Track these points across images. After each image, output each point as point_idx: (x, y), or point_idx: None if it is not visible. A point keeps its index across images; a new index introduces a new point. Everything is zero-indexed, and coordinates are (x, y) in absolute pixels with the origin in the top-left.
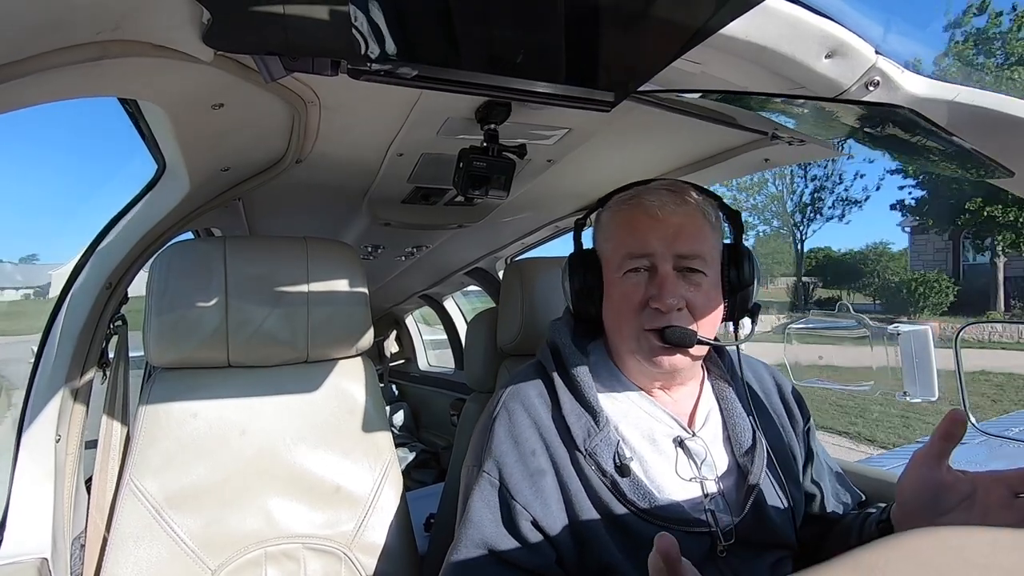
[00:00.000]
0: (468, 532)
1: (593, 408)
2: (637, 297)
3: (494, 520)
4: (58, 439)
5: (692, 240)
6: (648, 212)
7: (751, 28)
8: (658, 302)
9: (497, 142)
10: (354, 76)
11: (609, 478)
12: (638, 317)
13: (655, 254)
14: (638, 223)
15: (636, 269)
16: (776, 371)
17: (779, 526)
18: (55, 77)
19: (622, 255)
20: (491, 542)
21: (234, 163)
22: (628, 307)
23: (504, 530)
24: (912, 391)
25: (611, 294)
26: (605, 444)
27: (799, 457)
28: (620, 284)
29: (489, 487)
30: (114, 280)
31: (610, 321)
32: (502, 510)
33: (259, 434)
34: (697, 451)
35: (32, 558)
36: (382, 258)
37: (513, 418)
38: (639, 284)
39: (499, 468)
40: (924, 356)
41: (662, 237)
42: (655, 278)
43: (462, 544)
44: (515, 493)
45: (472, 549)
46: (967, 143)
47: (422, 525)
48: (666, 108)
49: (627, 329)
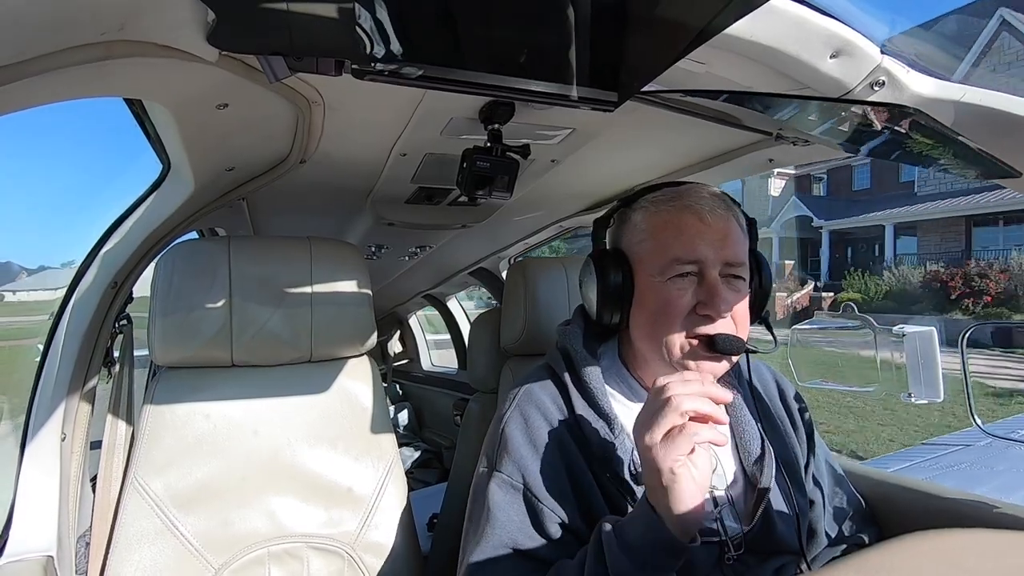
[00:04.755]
0: (494, 532)
1: (607, 415)
2: (683, 303)
3: (522, 522)
4: (63, 438)
5: (737, 247)
6: (697, 215)
7: (756, 28)
8: (710, 309)
9: (501, 142)
10: (358, 76)
11: (626, 485)
12: (682, 323)
13: (705, 260)
14: (685, 226)
15: (683, 274)
16: (778, 374)
17: (786, 534)
18: (60, 77)
19: (667, 259)
20: (520, 543)
21: (238, 163)
22: (672, 313)
23: (534, 531)
24: (917, 392)
25: (646, 298)
26: (621, 452)
27: (802, 461)
28: (662, 289)
29: (512, 490)
30: (119, 279)
31: (642, 326)
32: (529, 512)
33: (263, 433)
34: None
35: (38, 556)
36: (386, 258)
37: (529, 421)
38: (685, 290)
39: (520, 471)
40: (929, 357)
41: (711, 243)
42: (703, 284)
43: (488, 545)
44: (540, 495)
45: (500, 549)
46: (973, 143)
47: (425, 525)
48: (670, 108)
49: (665, 335)
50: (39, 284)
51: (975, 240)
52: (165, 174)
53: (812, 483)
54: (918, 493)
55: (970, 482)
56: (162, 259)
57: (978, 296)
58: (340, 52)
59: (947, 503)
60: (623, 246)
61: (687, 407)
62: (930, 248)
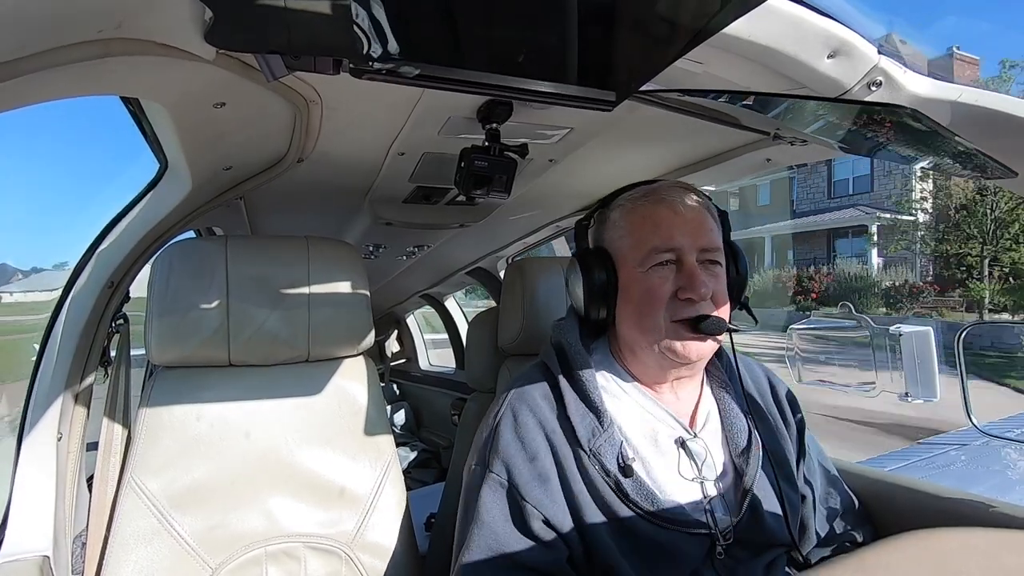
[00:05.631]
0: (480, 533)
1: (598, 408)
2: (665, 290)
3: (505, 520)
4: (60, 438)
5: (711, 234)
6: (671, 207)
7: (754, 28)
8: (690, 292)
9: (499, 141)
10: (356, 75)
11: (612, 478)
12: (666, 309)
13: (682, 248)
14: (661, 218)
15: (663, 263)
16: (771, 372)
17: (774, 526)
18: (57, 75)
19: (646, 250)
20: (503, 542)
21: (236, 162)
22: (656, 300)
23: (516, 530)
24: (914, 392)
25: (630, 290)
26: (609, 444)
27: (793, 457)
28: (644, 279)
29: (498, 487)
30: (116, 279)
31: (628, 317)
32: (512, 510)
33: (260, 433)
34: (698, 452)
35: (34, 556)
36: (383, 257)
37: (519, 419)
38: (665, 277)
39: (507, 469)
40: (926, 357)
41: (685, 231)
42: (682, 271)
43: (474, 545)
44: (525, 493)
45: (484, 551)
46: (970, 143)
47: (423, 524)
48: (668, 108)
49: (652, 322)
50: (31, 286)
51: (836, 248)
52: (162, 173)
53: (803, 481)
54: (913, 492)
55: (965, 482)
56: (159, 258)
57: (806, 294)
58: (338, 51)
59: (943, 502)
60: (605, 244)
61: None
62: (804, 255)
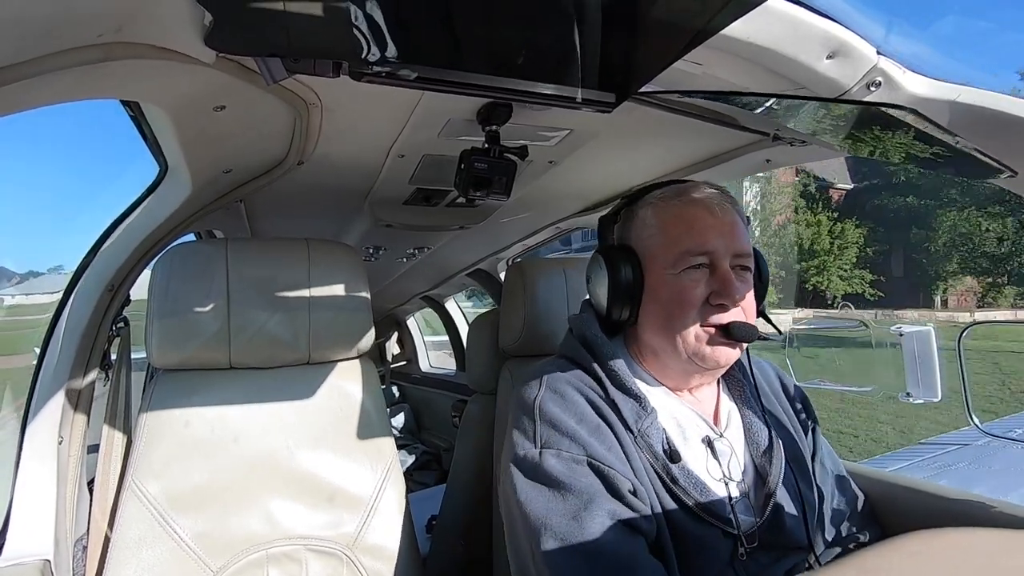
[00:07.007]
0: (573, 499)
1: (637, 395)
2: (697, 294)
3: (599, 489)
4: (60, 441)
5: (744, 239)
6: (707, 209)
7: (752, 29)
8: (724, 298)
9: (498, 143)
10: (355, 78)
11: (661, 463)
12: (696, 314)
13: (716, 251)
14: (695, 219)
15: (696, 266)
16: (781, 371)
17: (794, 528)
18: (57, 79)
19: (679, 252)
20: (606, 506)
21: (236, 165)
22: (687, 304)
23: (611, 496)
24: (915, 392)
25: (658, 291)
26: (654, 428)
27: (808, 455)
28: (675, 281)
29: (574, 463)
30: (116, 282)
31: (655, 319)
32: (602, 480)
33: (261, 435)
34: (723, 451)
35: (35, 559)
36: (383, 260)
37: (566, 397)
38: (698, 281)
39: (579, 443)
40: (927, 356)
41: (721, 235)
42: (715, 275)
43: (568, 515)
44: (607, 462)
45: (585, 515)
46: (969, 143)
47: (424, 527)
48: (668, 109)
49: (680, 327)
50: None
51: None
52: (162, 176)
53: (818, 481)
54: (917, 492)
55: (967, 482)
56: (159, 261)
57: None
58: (337, 54)
59: (946, 502)
60: (631, 242)
61: None
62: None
